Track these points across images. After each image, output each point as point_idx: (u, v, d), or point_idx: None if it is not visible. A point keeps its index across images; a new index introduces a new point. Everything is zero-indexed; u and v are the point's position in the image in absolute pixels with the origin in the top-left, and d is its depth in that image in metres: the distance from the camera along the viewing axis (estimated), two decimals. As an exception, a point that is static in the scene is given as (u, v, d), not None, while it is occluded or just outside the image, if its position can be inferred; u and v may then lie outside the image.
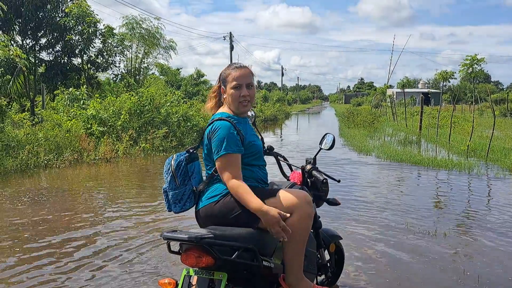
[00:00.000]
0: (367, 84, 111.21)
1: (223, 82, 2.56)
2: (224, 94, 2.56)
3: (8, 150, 9.78)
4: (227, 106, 2.55)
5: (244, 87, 2.49)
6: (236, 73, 2.50)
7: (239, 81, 2.48)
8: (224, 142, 2.33)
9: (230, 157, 2.33)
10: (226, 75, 2.53)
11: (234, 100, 2.49)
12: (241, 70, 2.51)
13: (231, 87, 2.49)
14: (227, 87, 2.52)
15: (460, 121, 19.53)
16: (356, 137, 15.80)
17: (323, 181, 2.82)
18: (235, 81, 2.48)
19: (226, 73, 2.54)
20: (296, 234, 2.36)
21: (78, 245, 4.63)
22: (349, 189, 7.20)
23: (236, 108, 2.51)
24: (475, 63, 11.71)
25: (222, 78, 2.56)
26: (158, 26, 22.73)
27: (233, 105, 2.51)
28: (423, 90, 53.70)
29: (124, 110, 12.96)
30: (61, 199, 6.82)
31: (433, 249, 4.46)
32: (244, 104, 2.51)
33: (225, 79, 2.54)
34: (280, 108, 37.05)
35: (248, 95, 2.50)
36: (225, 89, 2.54)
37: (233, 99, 2.49)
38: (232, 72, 2.51)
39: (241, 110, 2.53)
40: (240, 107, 2.51)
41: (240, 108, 2.51)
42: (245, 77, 2.50)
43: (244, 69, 2.53)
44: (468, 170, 9.14)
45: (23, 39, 17.56)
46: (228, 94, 2.51)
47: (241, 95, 2.48)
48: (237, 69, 2.52)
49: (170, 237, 2.11)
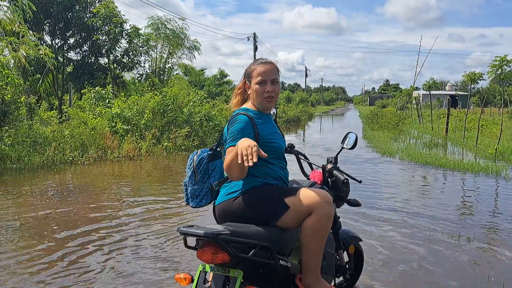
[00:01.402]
0: (393, 86, 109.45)
1: (248, 77, 2.53)
2: (248, 90, 2.53)
3: (36, 147, 10.04)
4: (251, 102, 2.53)
5: (269, 82, 2.46)
6: (261, 68, 2.47)
7: (264, 77, 2.45)
8: (238, 134, 2.30)
9: None
10: (251, 70, 2.51)
11: (258, 96, 2.46)
12: (266, 66, 2.48)
13: (256, 82, 2.46)
14: (251, 83, 2.49)
15: (489, 124, 19.01)
16: (380, 139, 15.57)
17: (344, 181, 2.76)
18: (260, 77, 2.45)
19: (251, 68, 2.52)
20: (315, 234, 2.32)
21: (99, 238, 4.71)
22: (370, 190, 7.08)
23: (260, 103, 2.48)
24: (504, 64, 11.33)
25: (247, 73, 2.54)
26: (183, 27, 22.99)
27: (257, 100, 2.48)
28: (450, 93, 52.50)
29: (148, 109, 13.13)
30: (85, 194, 6.95)
31: (456, 254, 4.34)
32: (268, 100, 2.47)
33: (250, 74, 2.51)
34: (303, 109, 36.90)
35: (273, 90, 2.46)
36: (249, 84, 2.51)
37: (257, 95, 2.46)
38: (258, 67, 2.49)
39: (266, 105, 2.49)
40: (265, 102, 2.48)
41: (264, 103, 2.48)
42: (270, 72, 2.47)
43: (270, 65, 2.50)
44: (496, 173, 8.88)
45: (52, 39, 18.04)
46: (253, 89, 2.48)
47: (265, 91, 2.45)
48: (263, 65, 2.49)
49: (186, 232, 2.10)
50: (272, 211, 2.30)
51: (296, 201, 2.31)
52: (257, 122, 2.41)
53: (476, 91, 58.01)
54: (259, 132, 2.39)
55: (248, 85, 2.53)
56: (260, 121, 2.44)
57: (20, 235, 4.89)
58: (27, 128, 10.63)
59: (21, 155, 9.60)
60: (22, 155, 9.59)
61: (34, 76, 17.34)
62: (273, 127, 2.57)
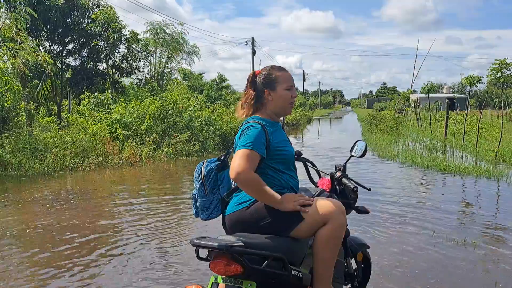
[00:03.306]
0: (390, 88, 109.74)
1: (269, 84, 2.49)
2: (269, 97, 2.49)
3: (36, 153, 10.01)
4: (269, 110, 2.51)
5: (294, 88, 2.55)
6: (287, 74, 2.52)
7: (290, 83, 2.52)
8: (252, 139, 2.29)
9: (252, 153, 2.27)
10: (275, 77, 2.49)
11: (285, 101, 2.50)
12: (287, 73, 2.54)
13: (285, 88, 2.48)
14: (277, 89, 2.48)
15: (488, 127, 19.04)
16: (379, 143, 15.58)
17: (353, 189, 2.75)
18: (287, 83, 2.50)
19: (275, 75, 2.50)
20: (329, 244, 2.31)
21: (100, 247, 4.68)
22: (372, 195, 7.07)
23: (285, 109, 2.52)
24: (504, 67, 11.38)
25: (269, 79, 2.50)
26: (182, 32, 23.01)
27: (282, 106, 2.50)
28: (448, 95, 52.67)
29: (148, 114, 13.13)
30: (86, 201, 6.92)
31: (462, 259, 4.33)
32: (291, 106, 2.55)
33: (273, 81, 2.49)
34: (302, 113, 36.92)
35: (296, 96, 2.57)
36: (272, 91, 2.48)
37: (284, 100, 2.49)
38: (281, 73, 2.51)
39: (288, 111, 2.56)
40: (289, 108, 2.54)
41: (288, 109, 2.54)
42: (292, 79, 2.56)
43: (288, 72, 2.57)
44: (497, 177, 8.88)
45: (51, 44, 18.00)
46: (280, 95, 2.48)
47: (292, 96, 2.51)
48: (285, 71, 2.54)
49: (199, 244, 2.08)
50: (286, 222, 2.29)
51: (311, 211, 2.30)
52: (268, 130, 2.40)
53: (474, 93, 58.16)
54: (270, 140, 2.38)
55: (268, 91, 2.49)
56: (271, 129, 2.44)
57: (20, 243, 4.86)
58: (27, 134, 10.60)
59: (21, 162, 9.57)
60: (23, 162, 9.56)
61: (32, 81, 17.31)
62: (283, 135, 2.56)
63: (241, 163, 2.22)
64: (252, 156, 2.27)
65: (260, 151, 2.31)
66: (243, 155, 2.25)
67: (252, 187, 2.26)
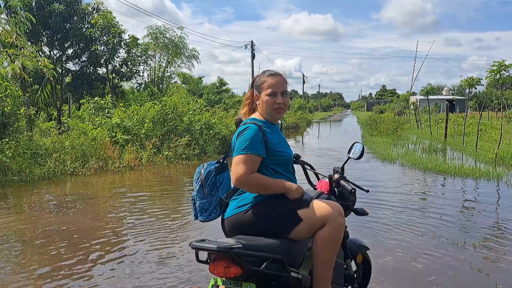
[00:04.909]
0: (390, 91, 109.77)
1: (257, 88, 2.55)
2: (257, 100, 2.54)
3: (36, 158, 10.02)
4: (259, 112, 2.55)
5: (279, 94, 2.49)
6: (272, 81, 2.50)
7: (274, 89, 2.48)
8: (247, 142, 2.33)
9: (247, 157, 2.31)
10: (262, 82, 2.53)
11: (268, 107, 2.49)
12: (276, 78, 2.52)
13: (266, 94, 2.49)
14: (261, 94, 2.51)
15: (487, 129, 19.05)
16: (379, 145, 15.60)
17: (351, 191, 2.77)
18: (271, 89, 2.48)
19: (261, 80, 2.53)
20: (328, 245, 2.33)
21: (101, 251, 4.69)
22: (372, 197, 7.08)
23: (270, 114, 2.51)
24: (503, 69, 11.40)
25: (257, 84, 2.55)
26: (181, 36, 23.07)
27: (267, 111, 2.50)
28: (447, 97, 52.65)
29: (148, 118, 13.15)
30: (87, 206, 6.93)
31: (462, 261, 4.34)
32: (278, 111, 2.51)
33: (260, 86, 2.53)
34: (301, 116, 36.95)
35: (283, 102, 2.50)
36: (259, 95, 2.53)
37: (267, 106, 2.49)
38: (268, 79, 2.51)
39: (275, 117, 2.53)
40: (274, 113, 2.51)
41: (273, 115, 2.51)
42: (280, 85, 2.51)
43: (280, 77, 2.53)
44: (497, 179, 8.89)
45: (51, 49, 18.06)
46: (263, 100, 2.50)
47: (275, 102, 2.48)
48: (273, 77, 2.52)
49: (198, 247, 2.10)
50: (284, 224, 2.31)
51: (309, 213, 2.32)
52: (266, 130, 2.43)
53: (473, 95, 58.17)
54: (268, 140, 2.41)
55: (257, 95, 2.54)
56: (269, 130, 2.46)
57: (21, 247, 4.87)
58: (27, 139, 10.61)
59: (22, 167, 9.58)
60: (23, 167, 9.58)
61: (32, 87, 17.35)
62: (281, 137, 2.59)
63: (238, 169, 2.29)
64: (249, 159, 2.31)
65: (258, 152, 2.34)
66: (239, 161, 2.31)
67: (256, 187, 2.34)
